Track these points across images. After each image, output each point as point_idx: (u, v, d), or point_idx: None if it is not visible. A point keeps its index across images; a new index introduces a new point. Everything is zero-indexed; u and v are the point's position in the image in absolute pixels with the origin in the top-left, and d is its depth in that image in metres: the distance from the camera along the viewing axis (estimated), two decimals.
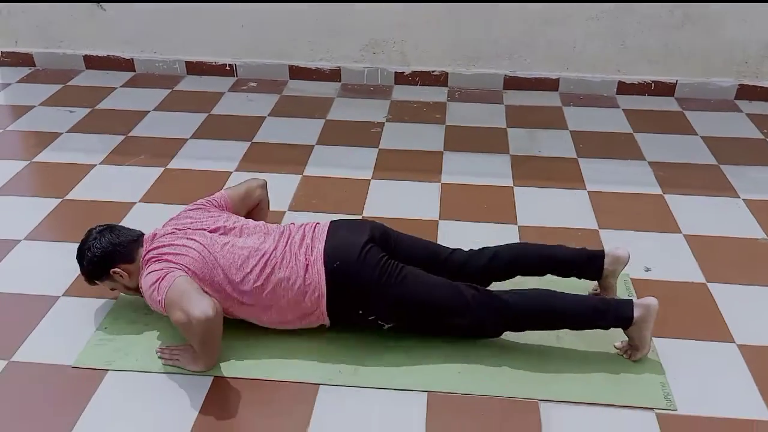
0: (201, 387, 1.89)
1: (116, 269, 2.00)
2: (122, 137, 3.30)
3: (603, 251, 2.12)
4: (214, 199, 2.19)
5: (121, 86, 3.90)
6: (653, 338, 2.01)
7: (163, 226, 2.10)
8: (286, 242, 1.97)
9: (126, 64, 4.06)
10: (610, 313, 1.92)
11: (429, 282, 1.94)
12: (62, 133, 3.33)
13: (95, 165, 3.03)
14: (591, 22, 3.65)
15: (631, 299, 1.99)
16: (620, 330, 1.95)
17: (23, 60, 4.10)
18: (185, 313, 1.77)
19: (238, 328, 2.02)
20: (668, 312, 2.13)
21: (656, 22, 3.62)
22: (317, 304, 1.93)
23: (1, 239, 2.50)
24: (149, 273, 1.91)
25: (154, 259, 1.95)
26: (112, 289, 2.11)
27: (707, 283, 2.31)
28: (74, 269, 2.32)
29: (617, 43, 3.71)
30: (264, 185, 2.32)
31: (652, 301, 1.93)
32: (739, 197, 2.83)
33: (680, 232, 2.59)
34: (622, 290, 2.25)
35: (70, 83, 3.93)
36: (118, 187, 2.87)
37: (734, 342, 2.05)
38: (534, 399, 1.85)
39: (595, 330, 1.98)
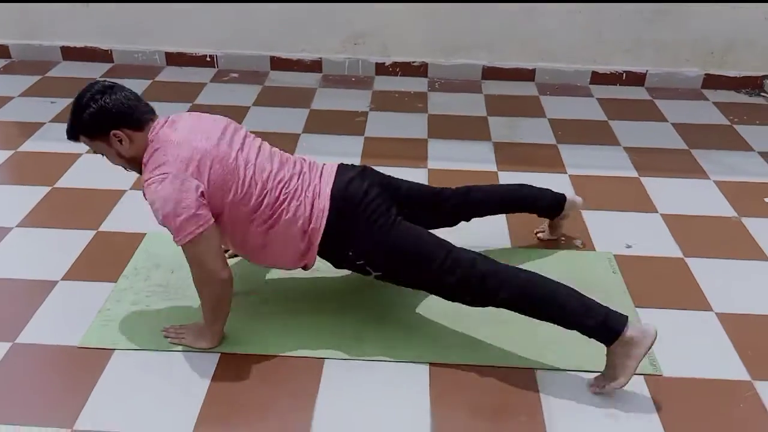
0: (209, 364, 1.93)
1: (118, 131, 1.79)
2: None
3: (564, 195, 2.38)
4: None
5: (100, 77, 3.88)
6: (637, 308, 2.14)
7: (189, 115, 1.95)
8: (299, 176, 1.95)
9: (104, 56, 4.05)
10: (600, 315, 1.78)
11: (421, 234, 1.93)
12: (45, 123, 3.32)
13: (81, 154, 3.03)
14: (571, 14, 3.77)
15: (627, 316, 1.80)
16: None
17: None
18: (208, 271, 1.79)
19: (240, 306, 2.06)
20: (650, 285, 2.26)
21: (632, 17, 3.76)
22: (312, 241, 1.92)
23: None
24: (172, 189, 1.74)
25: (168, 157, 1.78)
26: (96, 153, 1.90)
27: (685, 257, 2.44)
28: (73, 254, 2.36)
29: (594, 35, 3.84)
30: None
31: (651, 328, 1.76)
32: (710, 179, 2.98)
33: (657, 212, 2.72)
34: (604, 269, 2.35)
35: (48, 74, 3.90)
36: (107, 175, 2.81)
37: (712, 310, 2.18)
38: (530, 368, 1.94)
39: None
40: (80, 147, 3.02)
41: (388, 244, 1.91)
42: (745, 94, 3.89)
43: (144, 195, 1.81)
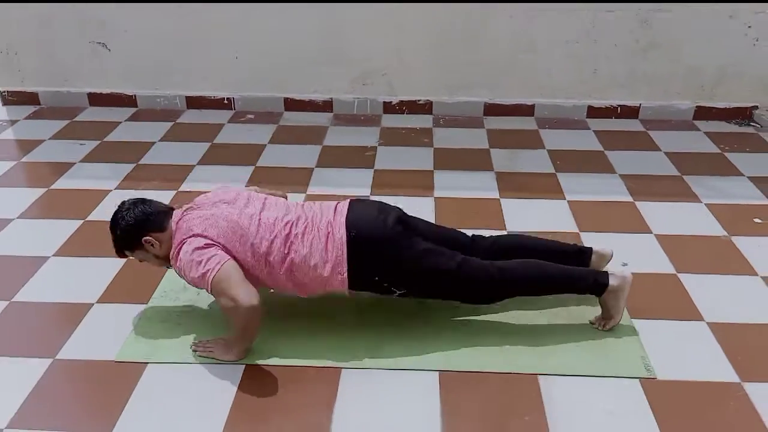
0: (235, 375, 2.09)
1: (148, 237, 2.13)
2: (133, 165, 3.52)
3: (591, 248, 2.40)
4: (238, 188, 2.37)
5: (125, 120, 4.13)
6: (633, 319, 2.29)
7: (190, 203, 2.25)
8: (309, 215, 2.16)
9: (128, 101, 4.30)
10: (589, 278, 2.21)
11: (436, 251, 2.15)
12: (75, 163, 3.54)
13: (111, 190, 3.24)
14: (568, 51, 4.00)
15: (606, 270, 2.27)
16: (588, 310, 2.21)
17: (29, 99, 4.32)
18: (232, 299, 1.96)
19: (263, 322, 2.22)
20: (645, 298, 2.41)
21: (624, 50, 3.99)
22: (339, 271, 2.09)
23: (32, 256, 2.69)
24: (192, 251, 2.02)
25: (186, 231, 2.08)
26: (141, 261, 2.25)
27: (677, 273, 2.59)
28: (106, 279, 2.55)
29: (589, 70, 4.07)
30: (285, 198, 2.48)
31: (627, 272, 2.23)
32: (702, 202, 3.15)
33: (651, 233, 2.88)
34: None
35: (76, 119, 4.15)
36: None
37: (704, 320, 2.33)
38: (534, 373, 2.09)
39: (578, 309, 2.27)
40: (108, 185, 3.31)
41: (409, 263, 2.11)
42: (735, 124, 4.08)
43: (177, 271, 2.11)
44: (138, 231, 2.14)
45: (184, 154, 3.67)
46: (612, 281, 2.20)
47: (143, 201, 2.21)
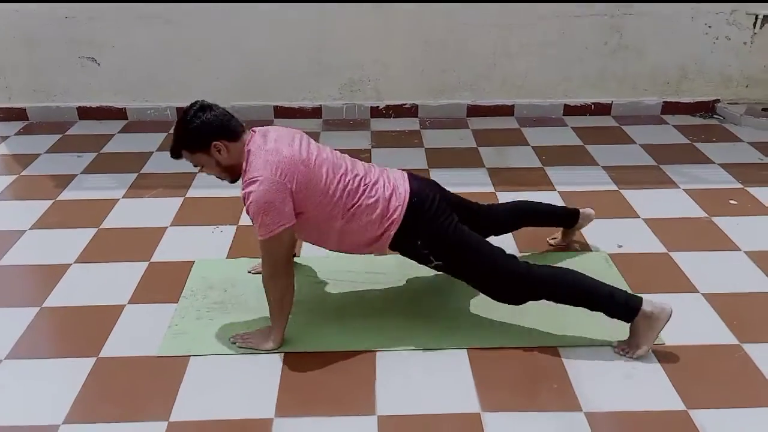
0: (275, 363, 2.20)
1: (218, 142, 2.07)
2: (135, 174, 3.58)
3: (578, 209, 2.78)
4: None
5: (118, 132, 4.18)
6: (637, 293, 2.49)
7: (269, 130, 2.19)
8: (376, 172, 2.26)
9: (118, 113, 4.35)
10: (621, 299, 2.17)
11: (478, 237, 2.29)
12: (77, 175, 3.58)
13: (118, 199, 3.30)
14: (541, 50, 4.23)
15: (642, 297, 2.19)
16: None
17: (17, 115, 4.32)
18: (274, 266, 2.09)
19: (297, 312, 2.34)
20: (642, 276, 2.63)
21: (594, 52, 4.25)
22: (388, 230, 2.19)
23: (53, 264, 2.74)
24: (264, 201, 2.00)
25: (261, 167, 2.03)
26: (198, 166, 2.18)
27: (669, 252, 2.82)
28: (133, 282, 2.62)
29: (564, 73, 4.32)
30: None
31: (667, 305, 2.15)
32: (680, 188, 3.40)
33: (639, 217, 3.11)
34: (602, 265, 2.71)
35: (67, 133, 4.18)
36: (147, 215, 3.15)
37: (699, 292, 2.55)
38: (555, 346, 2.26)
39: None
40: (115, 194, 3.36)
41: (453, 238, 2.24)
42: (700, 117, 4.38)
43: (243, 198, 2.07)
44: (213, 132, 2.06)
45: (183, 162, 3.70)
46: (646, 307, 2.13)
47: (217, 107, 2.13)
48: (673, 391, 2.07)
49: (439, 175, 3.52)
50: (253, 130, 2.18)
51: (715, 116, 4.38)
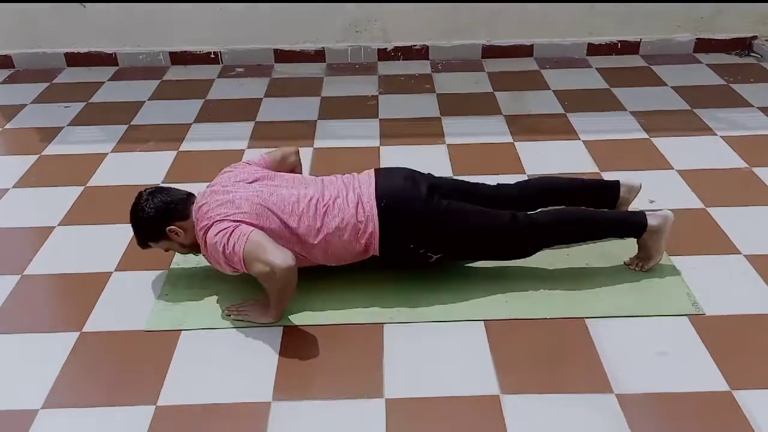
0: (274, 337, 2.00)
1: (172, 227, 2.06)
2: (125, 126, 3.34)
3: (618, 181, 2.33)
4: (251, 159, 2.27)
5: (108, 80, 3.92)
6: (671, 256, 2.26)
7: (208, 186, 2.15)
8: (332, 188, 2.08)
9: (108, 59, 4.07)
10: (628, 221, 2.17)
11: (472, 210, 2.09)
12: (64, 127, 3.35)
13: (107, 153, 3.07)
14: None
15: (643, 210, 2.23)
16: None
17: (2, 62, 4.06)
18: (267, 264, 1.86)
19: (298, 281, 2.13)
20: (678, 235, 2.36)
21: None
22: (371, 242, 2.04)
23: (36, 227, 2.54)
24: (217, 233, 1.95)
25: (210, 218, 1.99)
26: (166, 250, 2.18)
27: (706, 208, 2.56)
28: (120, 246, 2.42)
29: (587, 8, 3.96)
30: (297, 152, 2.41)
31: (668, 212, 2.17)
32: (717, 134, 3.11)
33: (673, 168, 2.84)
34: None
35: (55, 81, 3.92)
36: (137, 171, 2.93)
37: (741, 253, 2.30)
38: (580, 317, 2.05)
39: (609, 249, 2.24)
40: (104, 148, 3.14)
41: (444, 225, 2.05)
42: (736, 55, 4.04)
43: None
44: (161, 221, 2.06)
45: (177, 112, 3.49)
46: (652, 221, 2.15)
47: (161, 190, 2.13)
48: (715, 368, 1.85)
49: (451, 124, 3.29)
50: (193, 195, 2.15)
51: (752, 54, 4.04)
